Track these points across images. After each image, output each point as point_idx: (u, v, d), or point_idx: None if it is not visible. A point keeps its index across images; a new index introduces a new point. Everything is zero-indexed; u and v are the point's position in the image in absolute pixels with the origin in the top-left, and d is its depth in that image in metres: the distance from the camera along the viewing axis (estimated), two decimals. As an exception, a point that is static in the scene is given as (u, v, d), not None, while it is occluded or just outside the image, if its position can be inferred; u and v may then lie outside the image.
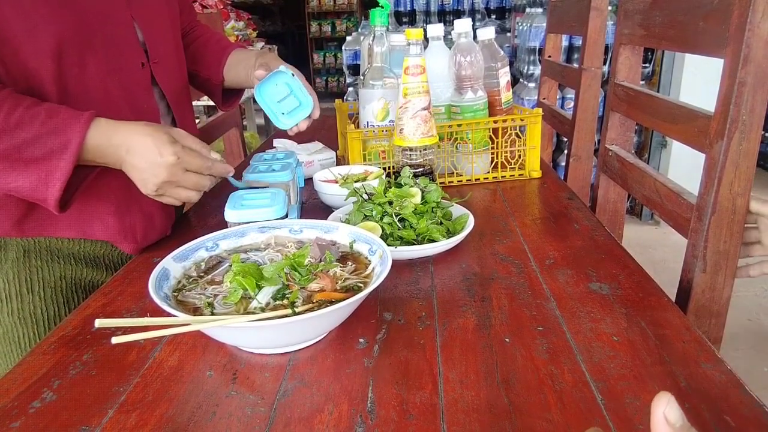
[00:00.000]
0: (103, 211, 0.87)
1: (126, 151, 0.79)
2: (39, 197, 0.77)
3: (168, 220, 0.98)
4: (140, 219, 0.91)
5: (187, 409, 0.55)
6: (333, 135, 1.60)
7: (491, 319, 0.68)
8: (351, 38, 3.94)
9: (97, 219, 0.88)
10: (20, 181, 0.75)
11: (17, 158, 0.74)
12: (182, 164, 0.81)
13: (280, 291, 0.66)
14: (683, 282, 0.84)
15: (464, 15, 3.77)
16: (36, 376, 0.61)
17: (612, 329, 0.65)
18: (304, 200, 1.15)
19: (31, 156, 0.75)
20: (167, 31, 1.01)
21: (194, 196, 0.86)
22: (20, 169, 0.75)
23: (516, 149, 1.22)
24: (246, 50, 1.17)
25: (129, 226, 0.90)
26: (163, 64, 0.98)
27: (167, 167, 0.79)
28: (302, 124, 1.04)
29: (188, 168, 0.82)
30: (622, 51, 1.11)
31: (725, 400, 0.53)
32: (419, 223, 0.86)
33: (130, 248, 0.92)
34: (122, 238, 0.90)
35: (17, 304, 0.86)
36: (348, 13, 7.49)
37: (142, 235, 0.92)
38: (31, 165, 0.75)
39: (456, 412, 0.53)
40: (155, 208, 0.93)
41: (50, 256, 0.88)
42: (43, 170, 0.75)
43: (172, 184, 0.82)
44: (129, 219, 0.90)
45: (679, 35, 0.90)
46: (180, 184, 0.82)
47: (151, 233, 0.94)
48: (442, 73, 1.19)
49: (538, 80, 1.91)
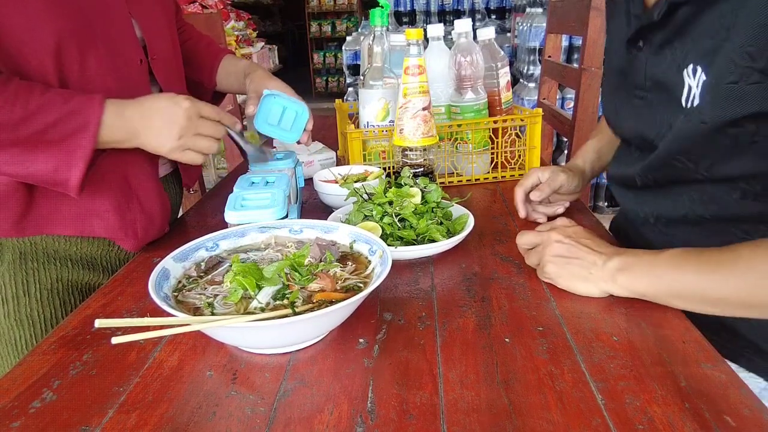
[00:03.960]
0: (103, 208, 0.87)
1: (140, 116, 0.83)
2: (60, 179, 0.78)
3: (167, 217, 0.98)
4: (140, 215, 0.91)
5: (187, 409, 0.55)
6: (333, 135, 1.60)
7: (491, 319, 0.68)
8: (351, 38, 3.95)
9: (96, 216, 0.87)
10: (41, 164, 0.77)
11: (39, 141, 0.76)
12: (197, 108, 0.86)
13: (280, 291, 0.66)
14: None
15: (464, 15, 3.78)
16: (36, 376, 0.61)
17: (612, 329, 0.65)
18: (304, 200, 1.15)
19: (52, 138, 0.76)
20: (164, 28, 1.01)
21: (214, 146, 0.90)
22: (42, 152, 0.76)
23: (516, 149, 1.22)
24: (235, 59, 1.21)
25: (129, 223, 0.90)
26: (161, 60, 0.98)
27: (185, 111, 0.84)
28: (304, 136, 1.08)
29: (202, 114, 0.87)
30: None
31: (725, 400, 0.53)
32: (419, 224, 0.86)
33: (131, 245, 0.91)
34: (123, 234, 0.89)
35: (13, 306, 0.86)
36: (348, 13, 7.49)
37: (143, 231, 0.92)
38: (52, 147, 0.77)
39: (456, 412, 0.53)
40: (155, 205, 0.93)
41: (46, 258, 0.88)
42: (64, 151, 0.77)
43: (191, 132, 0.85)
44: (129, 215, 0.90)
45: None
46: (199, 131, 0.86)
47: (151, 229, 0.94)
48: (442, 73, 1.18)
49: (538, 80, 1.91)
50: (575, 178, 0.98)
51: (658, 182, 0.81)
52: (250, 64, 1.17)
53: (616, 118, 0.91)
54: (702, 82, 0.67)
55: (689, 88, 0.69)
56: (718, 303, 0.64)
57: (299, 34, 9.27)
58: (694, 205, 0.77)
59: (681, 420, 0.51)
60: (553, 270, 0.73)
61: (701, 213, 0.76)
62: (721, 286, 0.63)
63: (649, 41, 0.78)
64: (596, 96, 1.46)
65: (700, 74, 0.67)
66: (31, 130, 0.75)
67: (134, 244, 0.91)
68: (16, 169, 0.77)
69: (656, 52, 0.77)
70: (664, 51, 0.75)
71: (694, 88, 0.68)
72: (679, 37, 0.72)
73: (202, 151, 0.88)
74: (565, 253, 0.73)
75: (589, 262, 0.71)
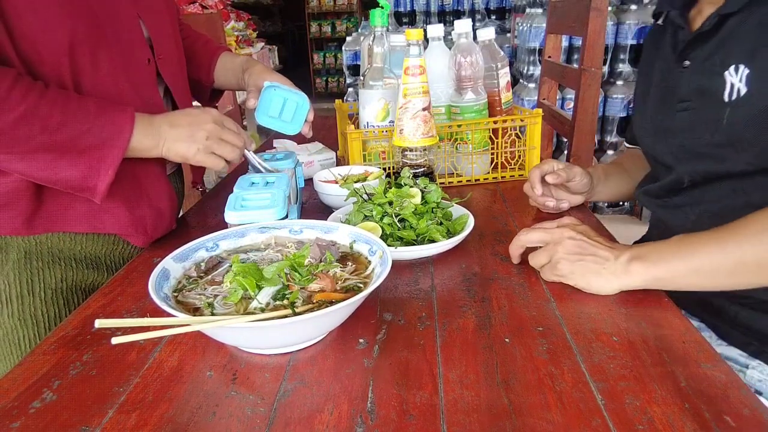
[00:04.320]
0: (113, 204, 0.88)
1: (169, 124, 0.87)
2: (89, 185, 0.80)
3: (174, 213, 1.00)
4: (150, 211, 0.92)
5: (187, 410, 0.55)
6: (333, 135, 1.60)
7: (491, 319, 0.68)
8: (351, 38, 3.94)
9: (107, 212, 0.88)
10: (71, 170, 0.79)
11: (72, 147, 0.78)
12: (221, 118, 0.91)
13: (280, 291, 0.66)
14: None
15: (464, 15, 3.78)
16: (36, 376, 0.61)
17: (612, 329, 0.65)
18: (304, 200, 1.15)
19: (84, 145, 0.79)
20: (169, 28, 1.02)
21: (237, 156, 0.93)
22: (73, 158, 0.78)
23: (516, 150, 1.22)
24: (232, 55, 1.22)
25: (139, 219, 0.91)
26: (167, 59, 0.99)
27: (212, 116, 0.90)
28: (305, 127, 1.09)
29: (225, 124, 0.92)
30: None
31: (725, 400, 0.53)
32: (419, 224, 0.86)
33: (141, 240, 0.92)
34: (133, 230, 0.90)
35: (18, 305, 0.86)
36: (348, 14, 7.49)
37: (152, 227, 0.93)
38: (84, 154, 0.79)
39: (456, 412, 0.53)
40: (163, 201, 0.95)
41: (51, 257, 0.89)
42: (95, 158, 0.79)
43: (217, 135, 0.90)
44: (139, 212, 0.91)
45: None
46: (223, 137, 0.91)
47: (160, 225, 0.95)
48: (442, 73, 1.18)
49: (538, 80, 1.91)
50: (586, 177, 0.99)
51: (707, 179, 0.83)
52: (248, 60, 1.18)
53: (654, 136, 0.92)
54: (746, 75, 0.73)
55: (731, 85, 0.74)
56: (734, 271, 0.67)
57: (299, 34, 9.27)
58: (740, 194, 0.79)
59: (681, 420, 0.51)
60: (567, 267, 0.73)
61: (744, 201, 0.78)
62: (738, 250, 0.66)
63: (694, 57, 0.82)
64: (596, 96, 1.46)
65: (743, 69, 0.73)
66: (66, 135, 0.77)
67: (144, 239, 0.92)
68: (47, 174, 0.79)
69: (701, 64, 0.81)
70: (707, 62, 0.79)
71: (737, 83, 0.74)
72: (722, 46, 0.77)
73: (225, 157, 0.92)
74: (578, 250, 0.73)
75: (602, 257, 0.71)
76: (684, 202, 0.87)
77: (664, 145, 0.89)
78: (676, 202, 0.89)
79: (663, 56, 0.92)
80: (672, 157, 0.88)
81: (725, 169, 0.79)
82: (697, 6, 0.87)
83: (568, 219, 0.79)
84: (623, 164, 1.09)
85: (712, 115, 0.78)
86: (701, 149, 0.81)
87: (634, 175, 1.06)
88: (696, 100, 0.82)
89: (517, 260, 0.82)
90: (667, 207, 0.91)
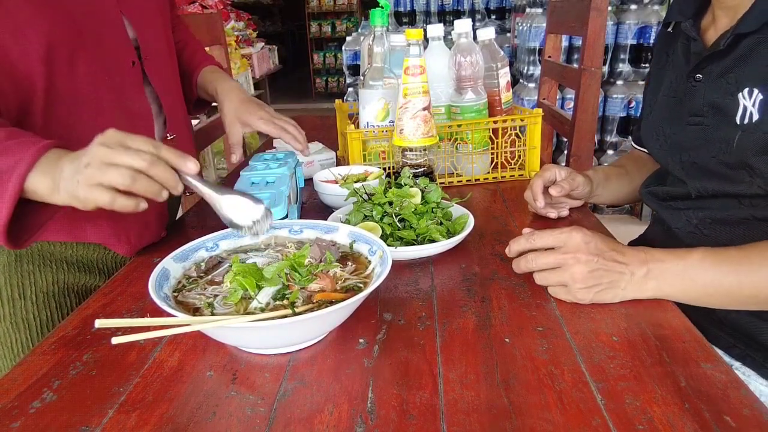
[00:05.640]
0: (95, 214, 0.76)
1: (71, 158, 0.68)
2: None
3: (163, 222, 0.97)
4: (134, 221, 0.88)
5: (187, 409, 0.55)
6: (333, 135, 1.60)
7: (491, 319, 0.68)
8: (351, 38, 3.94)
9: (88, 222, 0.85)
10: None
11: None
12: (119, 138, 0.66)
13: (280, 291, 0.66)
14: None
15: (464, 15, 3.77)
16: (36, 377, 0.61)
17: (612, 329, 0.65)
18: (304, 200, 1.15)
19: None
20: (158, 26, 0.97)
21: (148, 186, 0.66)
22: None
23: (516, 149, 1.22)
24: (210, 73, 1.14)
25: (122, 229, 0.88)
26: (155, 61, 0.94)
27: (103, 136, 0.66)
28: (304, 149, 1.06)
29: (130, 144, 0.66)
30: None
31: (725, 400, 0.53)
32: (419, 224, 0.86)
33: (124, 250, 0.89)
34: (116, 240, 0.88)
35: (9, 309, 0.85)
36: (348, 14, 7.49)
37: (137, 237, 0.90)
38: None
39: (456, 412, 0.53)
40: (150, 211, 0.89)
41: (42, 260, 0.87)
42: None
43: (102, 160, 0.65)
44: (122, 222, 0.87)
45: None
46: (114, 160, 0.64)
47: (146, 235, 0.92)
48: (442, 73, 1.18)
49: (538, 80, 1.91)
50: (588, 185, 0.99)
51: (715, 195, 0.83)
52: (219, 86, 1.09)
53: (665, 149, 0.92)
54: (759, 101, 0.74)
55: (744, 108, 0.75)
56: (749, 298, 0.68)
57: (299, 34, 9.26)
58: (746, 207, 0.80)
59: (681, 420, 0.51)
60: (586, 296, 0.69)
61: (749, 214, 0.79)
62: (756, 276, 0.67)
63: (708, 72, 0.82)
64: (596, 96, 1.46)
65: (757, 94, 0.74)
66: None
67: (128, 249, 0.89)
68: None
69: (714, 80, 0.81)
70: (721, 79, 0.80)
71: (749, 107, 0.75)
72: (737, 65, 0.78)
73: (116, 185, 0.65)
74: (594, 281, 0.69)
75: (618, 278, 0.69)
76: (688, 207, 0.88)
77: (675, 159, 0.89)
78: (681, 206, 0.89)
79: (674, 64, 0.92)
80: (683, 173, 0.87)
81: (737, 190, 0.79)
82: (709, 15, 0.86)
83: (577, 233, 0.71)
84: (625, 166, 1.09)
85: (724, 135, 0.78)
86: (713, 167, 0.81)
87: (636, 177, 1.05)
88: (709, 116, 0.82)
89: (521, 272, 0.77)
90: (671, 209, 0.91)
